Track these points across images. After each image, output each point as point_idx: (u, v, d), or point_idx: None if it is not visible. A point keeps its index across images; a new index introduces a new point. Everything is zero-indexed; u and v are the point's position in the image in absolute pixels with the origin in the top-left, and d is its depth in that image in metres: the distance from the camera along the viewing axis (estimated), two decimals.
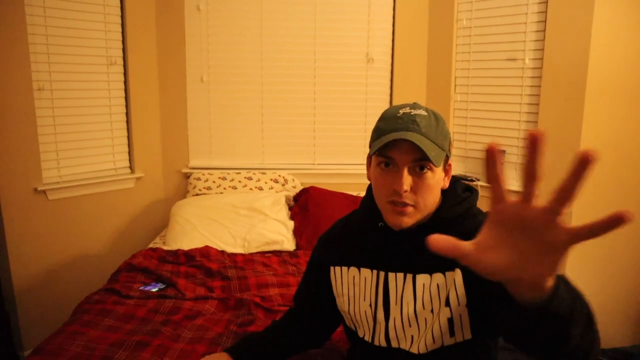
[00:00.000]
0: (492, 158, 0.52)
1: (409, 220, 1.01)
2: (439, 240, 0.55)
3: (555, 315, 0.63)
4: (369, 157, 1.08)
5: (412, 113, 1.01)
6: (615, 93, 2.32)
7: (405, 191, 0.98)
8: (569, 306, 0.65)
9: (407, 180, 0.98)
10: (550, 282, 0.59)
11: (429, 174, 0.99)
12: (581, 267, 2.43)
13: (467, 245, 0.56)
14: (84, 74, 2.66)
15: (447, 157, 1.05)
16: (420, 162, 0.98)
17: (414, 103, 1.05)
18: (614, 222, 0.46)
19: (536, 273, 0.56)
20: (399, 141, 0.97)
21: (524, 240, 0.54)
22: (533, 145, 0.49)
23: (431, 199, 1.02)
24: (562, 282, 0.65)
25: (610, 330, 2.51)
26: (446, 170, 1.06)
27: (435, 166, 0.98)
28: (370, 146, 1.06)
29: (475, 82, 2.78)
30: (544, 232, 0.52)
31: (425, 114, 1.01)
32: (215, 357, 1.26)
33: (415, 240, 1.05)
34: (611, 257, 2.45)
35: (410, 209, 1.00)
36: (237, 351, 1.27)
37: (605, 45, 2.27)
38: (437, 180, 1.02)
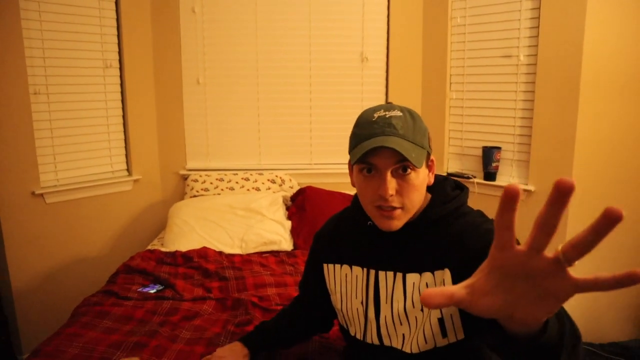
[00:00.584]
0: (510, 201, 0.48)
1: (398, 223, 1.00)
2: (432, 296, 0.52)
3: (544, 346, 0.64)
4: (351, 164, 1.06)
5: (387, 115, 0.99)
6: (609, 88, 2.33)
7: (391, 195, 0.97)
8: (558, 334, 0.66)
9: (391, 184, 0.97)
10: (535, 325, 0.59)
11: (412, 174, 0.99)
12: (579, 262, 2.43)
13: (461, 292, 0.54)
14: (80, 77, 2.67)
15: (429, 154, 1.04)
16: (403, 164, 0.97)
17: (388, 104, 1.04)
18: (624, 279, 0.46)
19: (531, 315, 0.55)
20: (378, 147, 0.96)
21: (523, 285, 0.52)
22: (561, 196, 0.45)
23: (417, 199, 1.02)
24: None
25: (608, 325, 2.52)
26: (429, 166, 1.06)
27: (418, 167, 0.97)
28: (349, 153, 1.05)
29: (470, 79, 2.79)
30: (547, 280, 0.51)
31: (400, 114, 1.00)
32: (230, 347, 1.32)
33: (404, 239, 1.05)
34: (609, 250, 2.46)
35: (398, 212, 0.99)
36: (250, 339, 1.34)
37: (599, 41, 2.28)
38: (421, 179, 1.01)
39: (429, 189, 1.09)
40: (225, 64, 3.02)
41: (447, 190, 1.09)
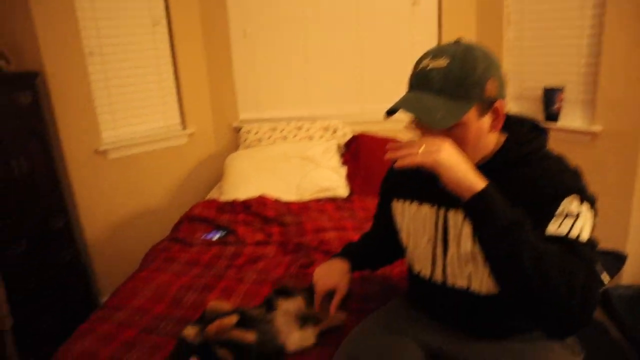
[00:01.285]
0: None
1: None
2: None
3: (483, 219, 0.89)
4: None
5: (429, 67, 0.95)
6: None
7: None
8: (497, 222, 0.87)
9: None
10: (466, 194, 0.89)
11: (457, 129, 0.95)
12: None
13: (427, 161, 0.90)
14: (130, 36, 2.70)
15: (488, 102, 0.96)
16: None
17: (440, 47, 0.98)
18: None
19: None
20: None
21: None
22: None
23: (471, 150, 0.98)
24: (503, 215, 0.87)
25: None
26: (494, 112, 0.98)
27: (444, 127, 0.92)
28: None
29: (530, 16, 2.61)
30: None
31: (445, 64, 0.93)
32: (328, 265, 1.35)
33: None
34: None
35: None
36: (348, 255, 1.37)
37: None
38: (474, 130, 0.96)
39: (506, 128, 1.05)
40: (272, 14, 2.97)
41: (524, 131, 1.04)
